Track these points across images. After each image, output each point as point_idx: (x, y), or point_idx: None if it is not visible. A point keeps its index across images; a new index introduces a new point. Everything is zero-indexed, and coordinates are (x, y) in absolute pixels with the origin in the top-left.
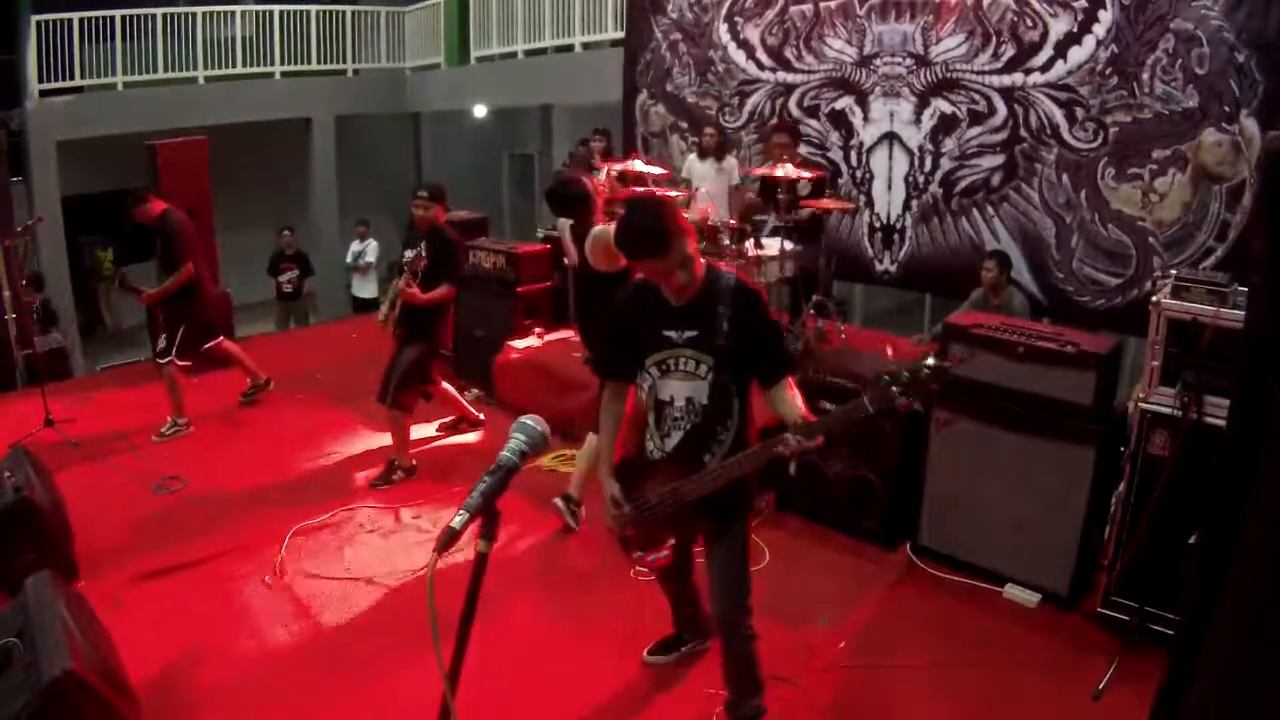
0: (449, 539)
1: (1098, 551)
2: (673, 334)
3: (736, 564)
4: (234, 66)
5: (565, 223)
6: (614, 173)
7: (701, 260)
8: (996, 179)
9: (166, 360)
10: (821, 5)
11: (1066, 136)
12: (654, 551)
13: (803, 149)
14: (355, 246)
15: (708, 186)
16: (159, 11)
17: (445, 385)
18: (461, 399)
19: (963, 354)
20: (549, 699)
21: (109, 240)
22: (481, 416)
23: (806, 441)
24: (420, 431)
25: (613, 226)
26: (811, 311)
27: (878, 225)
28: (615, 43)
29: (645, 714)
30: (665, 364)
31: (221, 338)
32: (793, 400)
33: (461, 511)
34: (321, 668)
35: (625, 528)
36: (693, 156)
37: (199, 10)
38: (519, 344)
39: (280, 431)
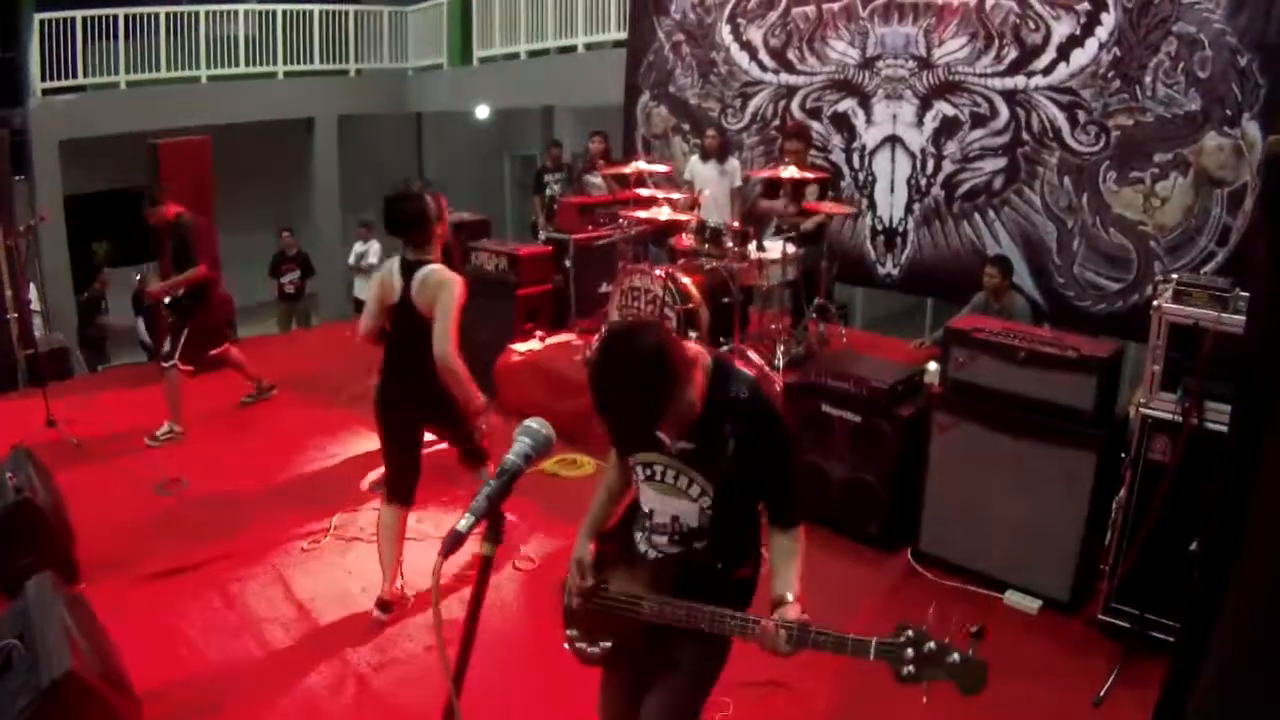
0: (454, 542)
1: (1098, 557)
2: (665, 439)
3: (683, 695)
4: (236, 66)
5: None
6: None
7: (705, 355)
8: (998, 182)
9: (170, 364)
10: (824, 7)
11: (1068, 140)
12: (587, 644)
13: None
14: (358, 247)
15: (710, 189)
16: (162, 10)
17: None
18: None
19: (964, 358)
20: (552, 701)
21: (108, 239)
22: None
23: (787, 648)
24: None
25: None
26: (813, 315)
27: (880, 228)
28: (618, 44)
29: None
30: (650, 469)
31: (228, 345)
32: (795, 567)
33: (467, 514)
34: (322, 669)
35: (573, 599)
36: (695, 158)
37: (202, 9)
38: (520, 347)
39: (282, 433)
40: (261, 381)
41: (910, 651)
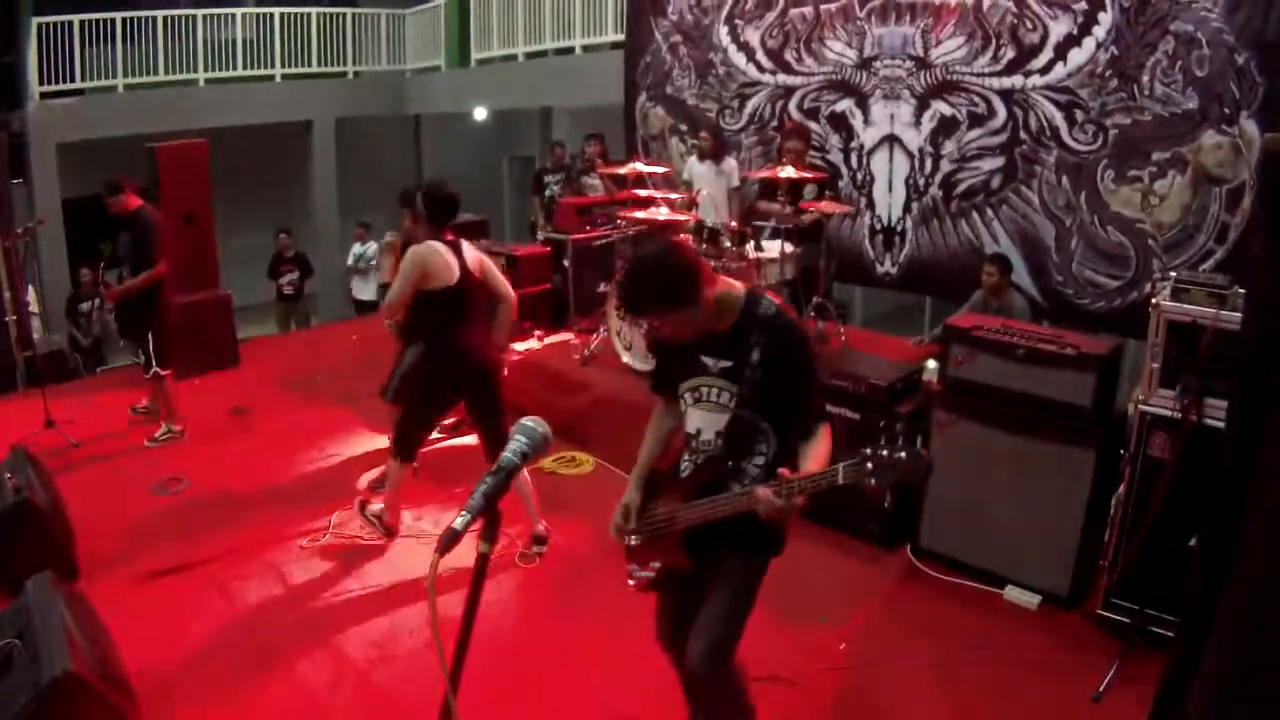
0: (450, 540)
1: (1098, 553)
2: (709, 360)
3: (730, 602)
4: (234, 69)
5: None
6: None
7: (739, 286)
8: (996, 181)
9: (150, 373)
10: (821, 8)
11: (1066, 139)
12: (642, 569)
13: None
14: (356, 249)
15: (708, 189)
16: (159, 14)
17: None
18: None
19: (963, 356)
20: (550, 700)
21: (107, 240)
22: None
23: (780, 502)
24: None
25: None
26: (812, 313)
27: (878, 227)
28: (615, 45)
29: (648, 715)
30: (697, 391)
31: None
32: (814, 454)
33: (463, 512)
34: (322, 666)
35: (623, 538)
36: (693, 159)
37: (199, 13)
38: (518, 346)
39: (281, 433)
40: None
41: (869, 465)
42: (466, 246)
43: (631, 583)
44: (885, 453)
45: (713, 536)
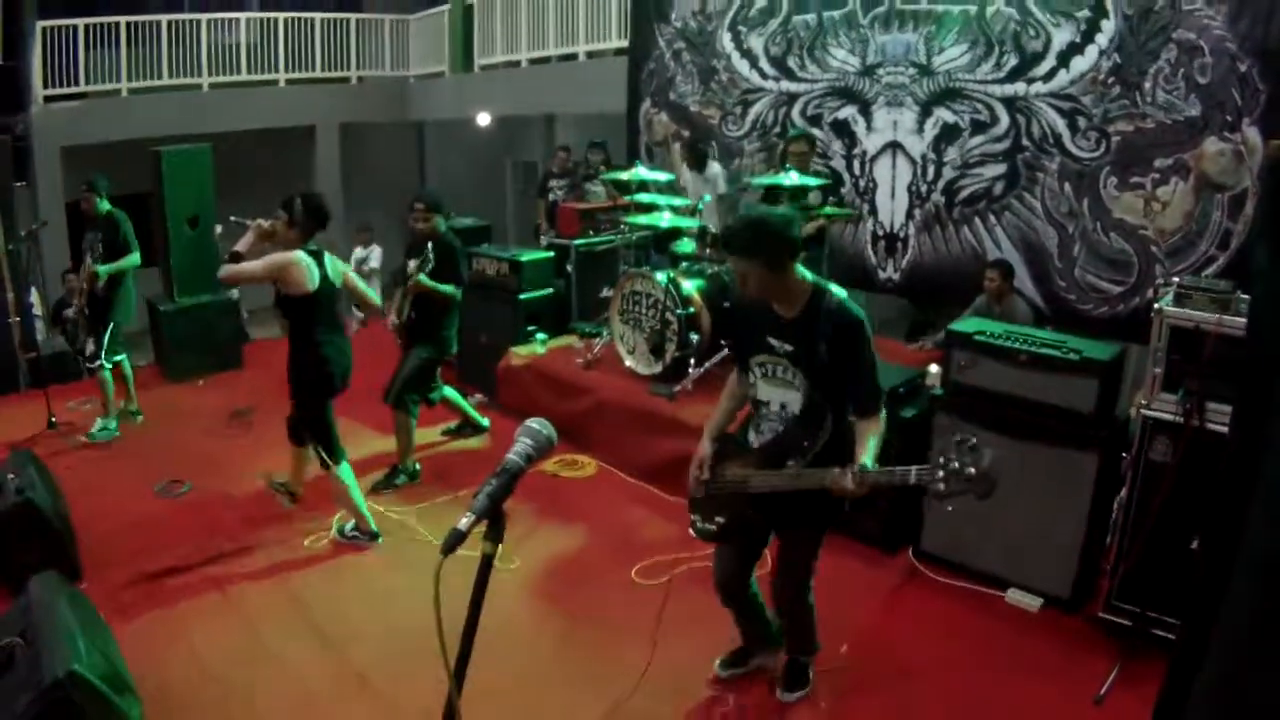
0: (454, 541)
1: (1099, 556)
2: (775, 342)
3: (798, 558)
4: (238, 74)
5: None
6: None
7: (809, 280)
8: (999, 188)
9: (96, 364)
10: (824, 15)
11: (1069, 145)
12: (705, 522)
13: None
14: (358, 253)
15: (694, 197)
16: (164, 18)
17: (450, 390)
18: (465, 404)
19: (966, 360)
20: (553, 700)
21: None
22: (485, 421)
23: (852, 486)
24: (424, 436)
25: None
26: None
27: (881, 234)
28: (619, 51)
29: (649, 714)
30: (766, 367)
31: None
32: (870, 441)
33: (467, 514)
34: (324, 669)
35: (697, 490)
36: (684, 167)
37: (203, 17)
38: (521, 350)
39: (283, 435)
40: (131, 403)
41: (941, 474)
42: (330, 259)
43: (693, 532)
44: (957, 465)
45: (787, 506)
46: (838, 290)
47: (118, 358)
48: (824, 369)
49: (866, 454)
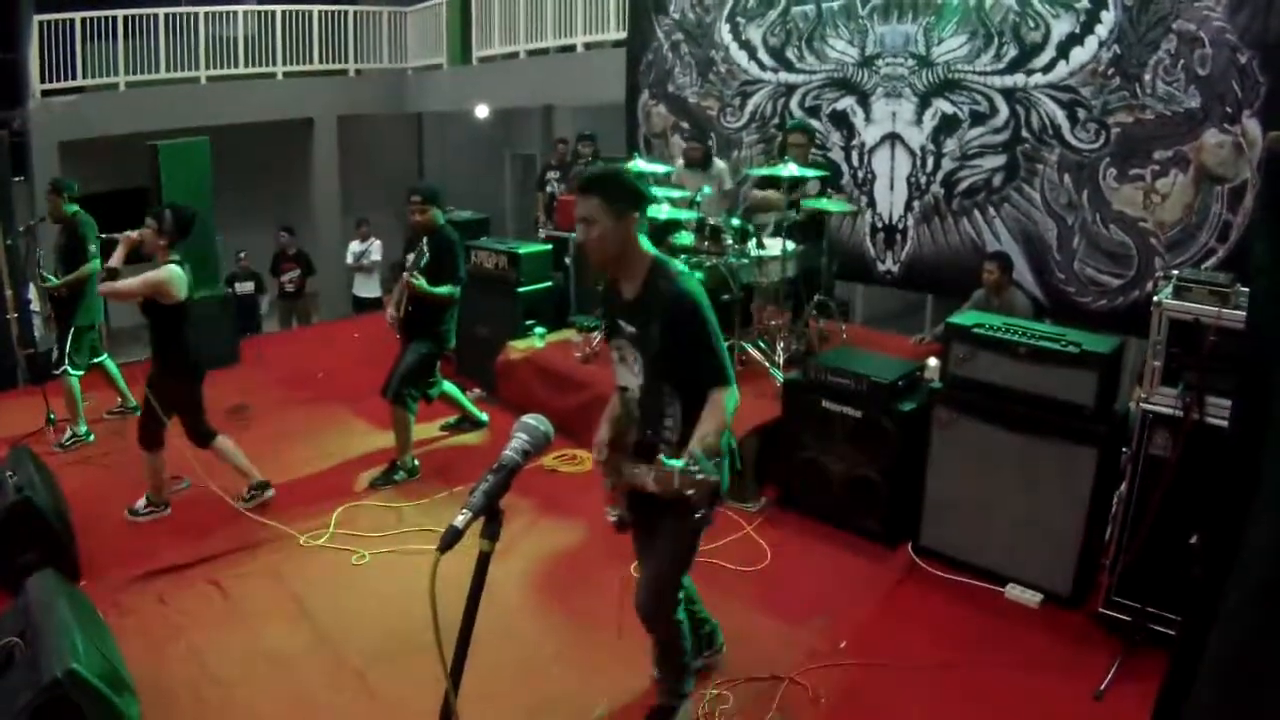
0: (452, 538)
1: (1099, 552)
2: (623, 323)
3: (662, 562)
4: (236, 67)
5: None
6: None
7: (650, 255)
8: (998, 179)
9: (60, 369)
10: (823, 6)
11: (1068, 137)
12: (614, 510)
13: None
14: (356, 246)
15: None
16: (161, 11)
17: (449, 385)
18: (464, 399)
19: (964, 353)
20: (551, 699)
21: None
22: (484, 416)
23: (653, 487)
24: (423, 431)
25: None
26: (813, 311)
27: (880, 226)
28: (617, 43)
29: (646, 709)
30: (619, 351)
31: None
32: (708, 421)
33: (464, 511)
34: (323, 667)
35: (605, 479)
36: (681, 163)
37: (201, 10)
38: (520, 344)
39: (282, 431)
40: (129, 399)
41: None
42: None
43: (609, 520)
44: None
45: (647, 503)
46: (678, 265)
47: (95, 360)
48: (660, 353)
49: (695, 438)
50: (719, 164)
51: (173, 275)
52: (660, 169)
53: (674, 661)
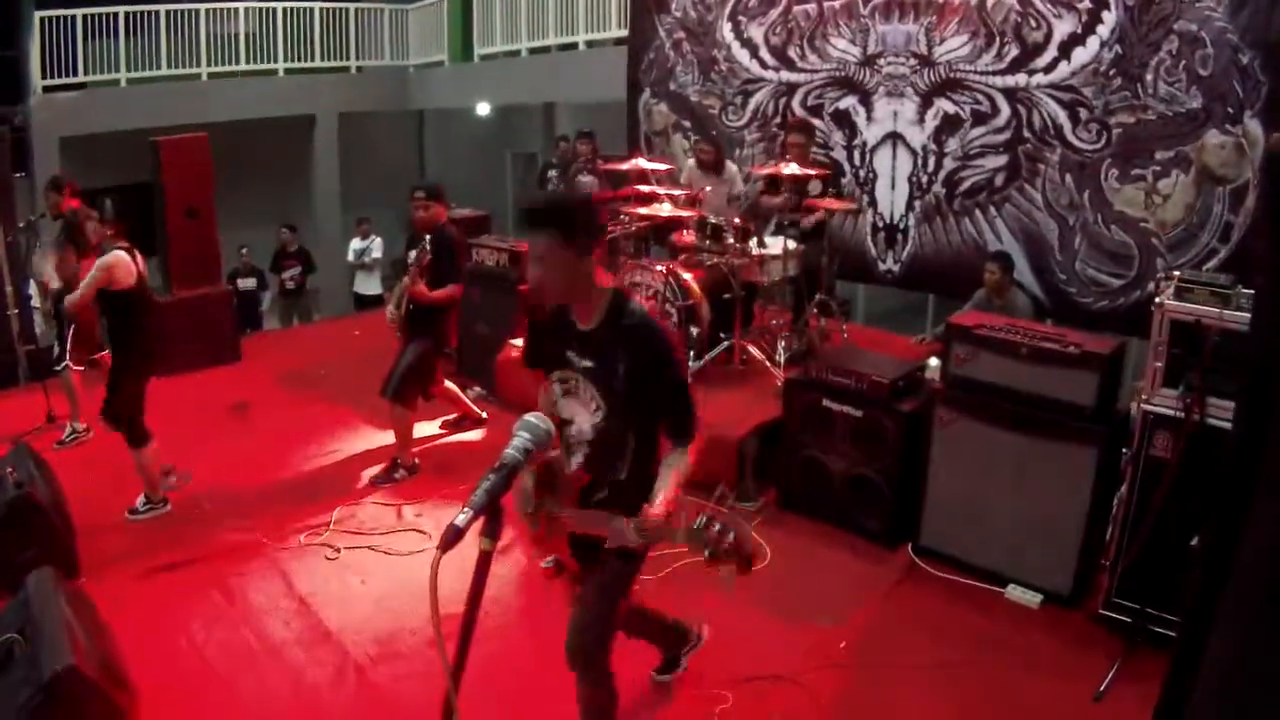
0: (452, 537)
1: (1100, 552)
2: (573, 356)
3: (595, 605)
4: (237, 63)
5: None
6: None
7: (609, 286)
8: (999, 179)
9: (62, 366)
10: (825, 5)
11: (1070, 137)
12: (546, 557)
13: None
14: (357, 244)
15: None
16: (162, 8)
17: (448, 383)
18: (464, 397)
19: (965, 354)
20: (550, 698)
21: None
22: (484, 414)
23: (632, 539)
24: (423, 429)
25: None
26: (814, 311)
27: (881, 225)
28: (619, 41)
29: (645, 712)
30: (568, 383)
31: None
32: (670, 480)
33: (465, 509)
34: (322, 663)
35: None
36: (691, 163)
37: (202, 6)
38: (521, 342)
39: (282, 429)
40: (73, 422)
41: (706, 538)
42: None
43: (543, 566)
44: (719, 531)
45: (586, 545)
46: (641, 304)
47: (94, 356)
48: (626, 395)
49: (657, 493)
50: (731, 167)
51: (118, 259)
52: (661, 166)
53: (601, 716)
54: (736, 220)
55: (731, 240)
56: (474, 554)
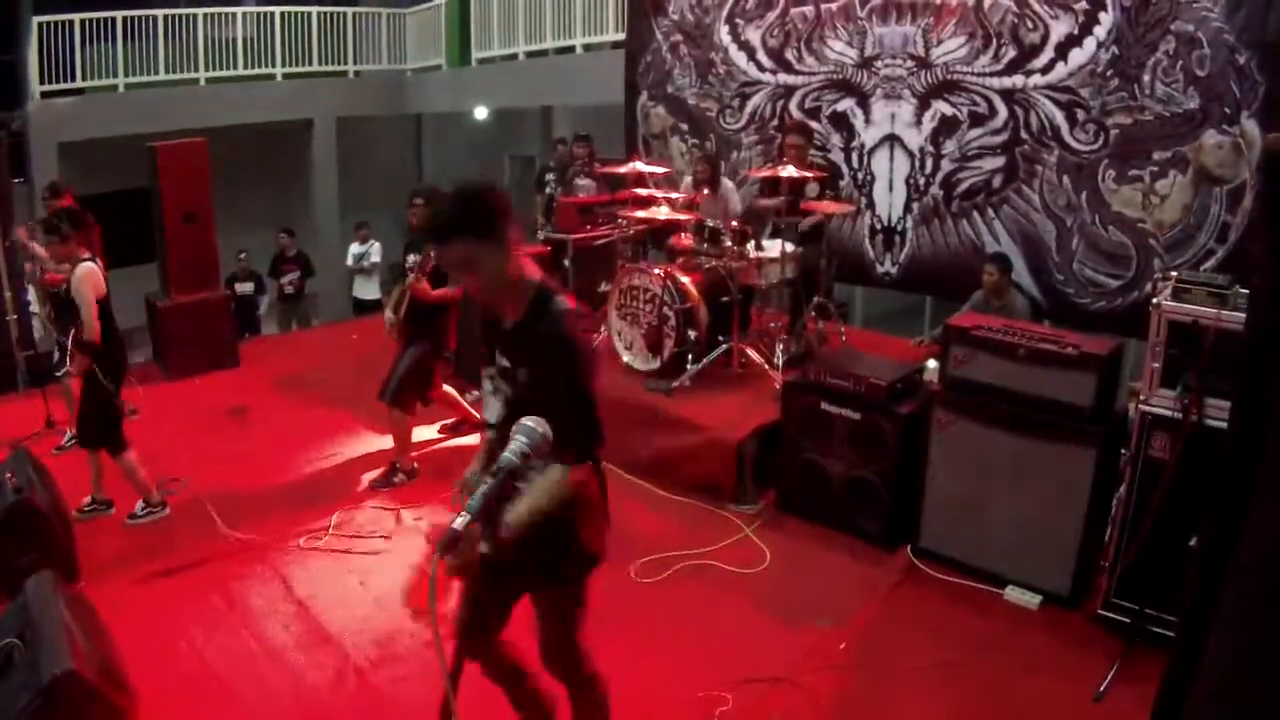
0: (450, 541)
1: (1098, 553)
2: (499, 355)
3: (553, 631)
4: (235, 68)
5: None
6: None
7: (534, 282)
8: (997, 181)
9: (63, 373)
10: (822, 7)
11: (1067, 138)
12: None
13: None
14: (355, 249)
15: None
16: (160, 13)
17: (447, 387)
18: (463, 401)
19: (963, 355)
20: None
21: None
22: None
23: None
24: (422, 433)
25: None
26: (812, 313)
27: (879, 227)
28: (616, 44)
29: (650, 712)
30: (495, 381)
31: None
32: (532, 498)
33: (463, 514)
34: (322, 666)
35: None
36: (689, 180)
37: (200, 12)
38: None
39: (281, 433)
40: (72, 428)
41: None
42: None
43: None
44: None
45: (516, 560)
46: (562, 303)
47: None
48: (529, 394)
49: (520, 504)
50: (727, 184)
51: (93, 271)
52: (659, 170)
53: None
54: (734, 223)
55: (729, 243)
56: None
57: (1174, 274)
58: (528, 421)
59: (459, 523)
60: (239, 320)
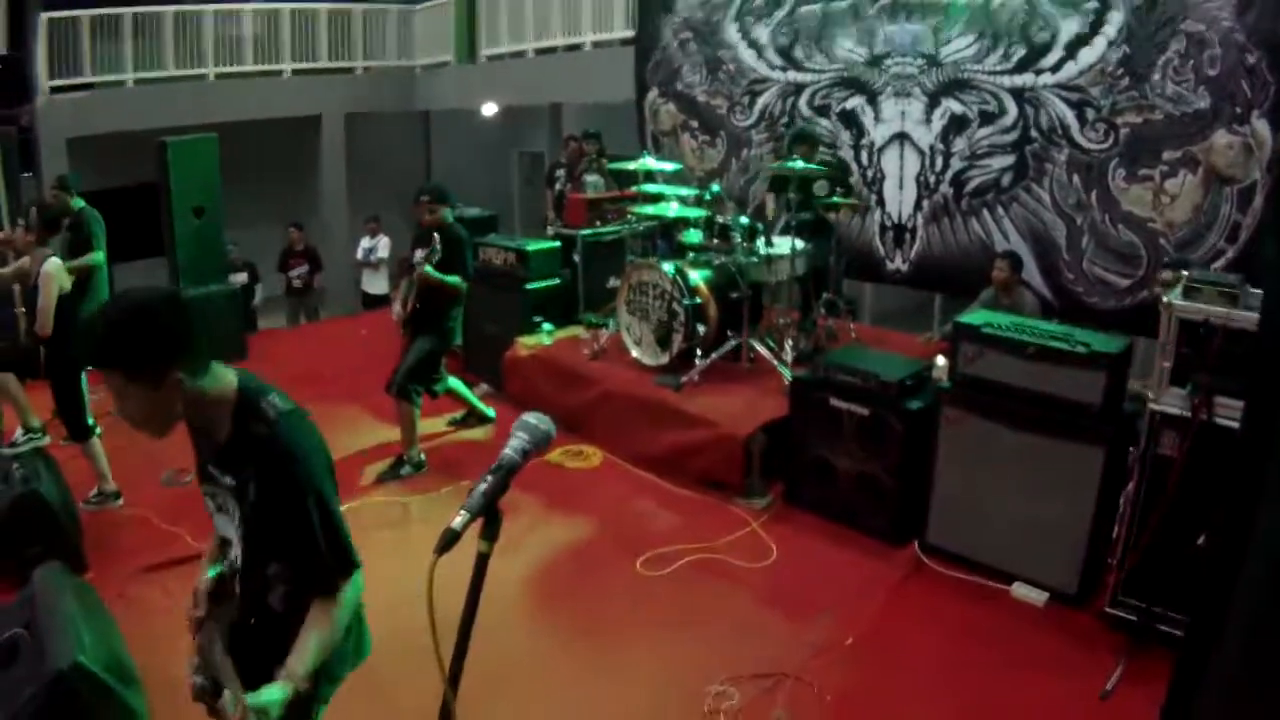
0: (449, 540)
1: (1106, 551)
2: (215, 470)
3: None
4: (244, 64)
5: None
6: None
7: (230, 389)
8: (1007, 179)
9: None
10: (831, 5)
11: (1077, 137)
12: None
13: None
14: (365, 243)
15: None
16: (169, 9)
17: (455, 380)
18: (471, 394)
19: (973, 352)
20: (550, 699)
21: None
22: (491, 412)
23: (235, 716)
24: (429, 426)
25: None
26: (822, 310)
27: (889, 224)
28: (625, 41)
29: (651, 712)
30: (216, 498)
31: None
32: (307, 643)
33: (462, 512)
34: None
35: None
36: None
37: (209, 8)
38: (528, 340)
39: None
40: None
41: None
42: None
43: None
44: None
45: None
46: (278, 402)
47: None
48: (255, 522)
49: (299, 662)
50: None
51: (58, 267)
52: (669, 167)
53: None
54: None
55: (739, 239)
56: (472, 555)
57: (1177, 266)
58: (529, 418)
59: (458, 522)
60: None
